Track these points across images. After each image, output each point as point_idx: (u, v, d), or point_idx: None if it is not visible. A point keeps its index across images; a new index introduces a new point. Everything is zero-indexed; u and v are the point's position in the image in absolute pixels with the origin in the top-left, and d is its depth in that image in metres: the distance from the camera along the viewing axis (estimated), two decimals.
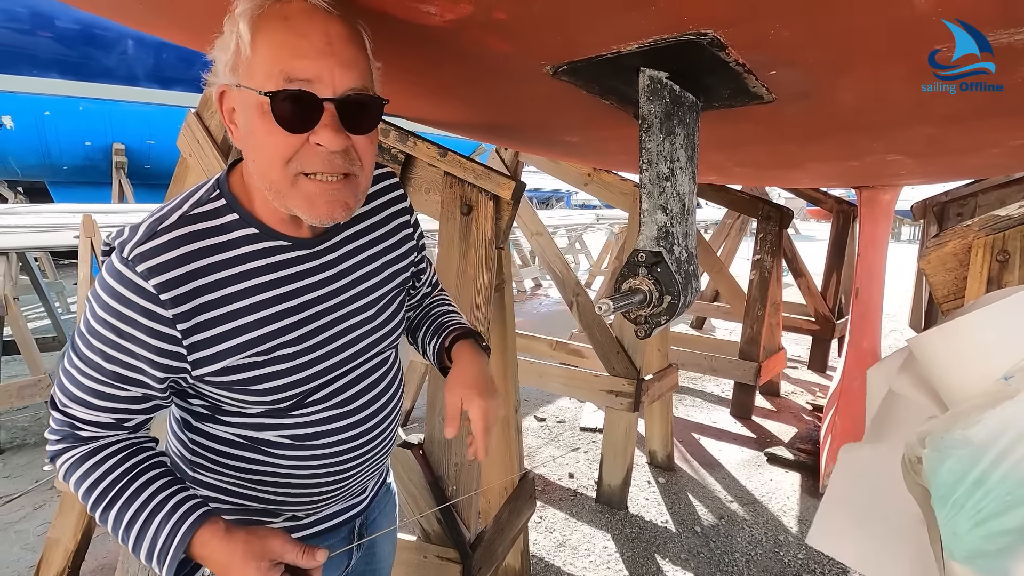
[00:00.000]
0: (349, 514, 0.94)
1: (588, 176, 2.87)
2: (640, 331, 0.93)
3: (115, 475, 0.71)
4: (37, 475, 2.93)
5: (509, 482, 1.73)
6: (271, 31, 0.64)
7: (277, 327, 0.74)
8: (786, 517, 2.70)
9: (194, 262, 0.69)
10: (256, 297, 0.73)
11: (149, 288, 0.66)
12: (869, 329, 3.39)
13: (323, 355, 0.79)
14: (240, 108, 0.68)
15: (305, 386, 0.78)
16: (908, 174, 2.04)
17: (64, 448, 0.74)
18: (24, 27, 6.02)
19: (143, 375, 0.70)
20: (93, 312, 0.69)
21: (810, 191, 5.03)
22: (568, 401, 4.07)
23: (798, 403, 4.28)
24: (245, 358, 0.72)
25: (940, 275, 0.75)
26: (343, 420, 0.83)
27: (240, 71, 0.66)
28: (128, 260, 0.67)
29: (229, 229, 0.72)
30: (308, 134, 0.65)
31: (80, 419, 0.73)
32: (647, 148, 0.90)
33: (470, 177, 1.42)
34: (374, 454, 0.89)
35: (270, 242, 0.74)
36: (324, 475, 0.84)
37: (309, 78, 0.64)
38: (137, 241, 0.68)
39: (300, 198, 0.68)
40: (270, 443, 0.80)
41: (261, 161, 0.68)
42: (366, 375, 0.86)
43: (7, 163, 6.64)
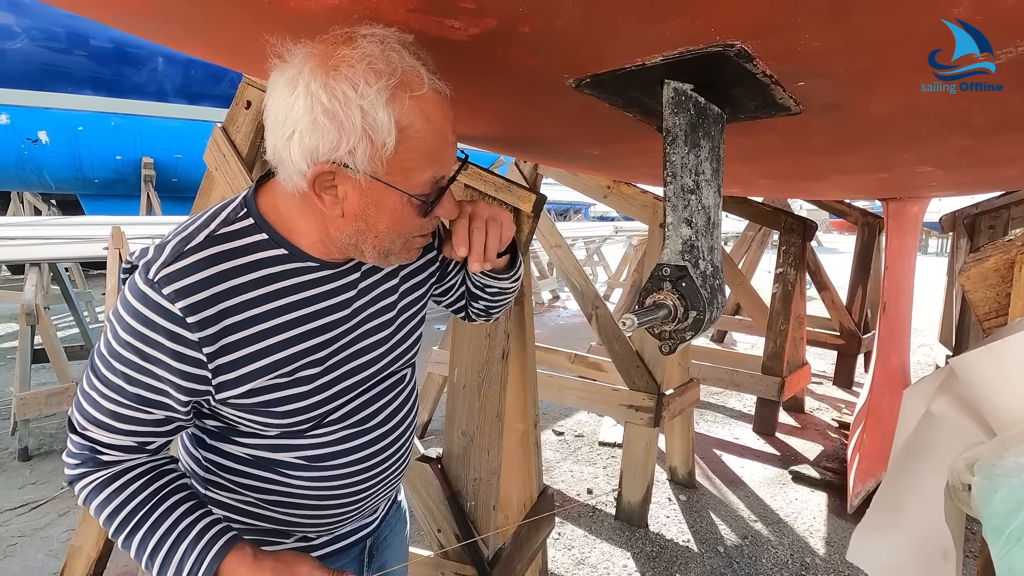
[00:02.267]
0: (361, 534, 0.93)
1: (608, 188, 2.86)
2: (664, 347, 0.91)
3: (138, 500, 0.70)
4: (63, 482, 2.98)
5: (528, 498, 1.70)
6: (420, 137, 0.64)
7: (300, 349, 0.73)
8: (813, 539, 2.62)
9: (221, 284, 0.68)
10: (281, 318, 0.72)
11: (175, 311, 0.65)
12: (897, 345, 3.30)
13: (342, 375, 0.79)
14: (357, 193, 0.66)
15: (324, 407, 0.77)
16: (938, 186, 1.99)
17: (84, 472, 0.72)
18: (61, 46, 6.25)
19: (167, 398, 0.69)
20: (115, 334, 0.67)
21: (834, 203, 4.95)
22: (587, 415, 4.03)
23: (823, 420, 4.17)
24: (268, 380, 0.72)
25: (981, 292, 0.72)
26: (359, 439, 0.82)
27: (374, 161, 0.63)
28: (154, 282, 0.65)
29: (256, 249, 0.71)
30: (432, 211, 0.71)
31: (101, 443, 0.71)
32: (671, 161, 0.88)
33: (491, 190, 1.42)
34: (389, 474, 0.89)
35: (296, 263, 0.73)
36: (338, 496, 0.83)
37: (445, 173, 0.70)
38: (163, 262, 0.66)
39: (401, 255, 0.74)
40: (285, 463, 0.79)
41: (382, 235, 0.70)
42: (383, 394, 0.86)
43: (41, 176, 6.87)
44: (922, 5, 0.59)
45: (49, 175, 6.88)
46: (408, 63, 0.63)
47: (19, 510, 2.72)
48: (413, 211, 0.68)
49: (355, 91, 0.60)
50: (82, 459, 0.72)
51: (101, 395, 0.69)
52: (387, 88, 0.61)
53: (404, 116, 0.62)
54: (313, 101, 0.61)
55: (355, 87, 0.60)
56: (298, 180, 0.65)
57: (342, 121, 0.61)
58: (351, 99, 0.60)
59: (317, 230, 0.72)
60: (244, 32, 0.92)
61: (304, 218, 0.71)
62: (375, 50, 0.61)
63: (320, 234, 0.72)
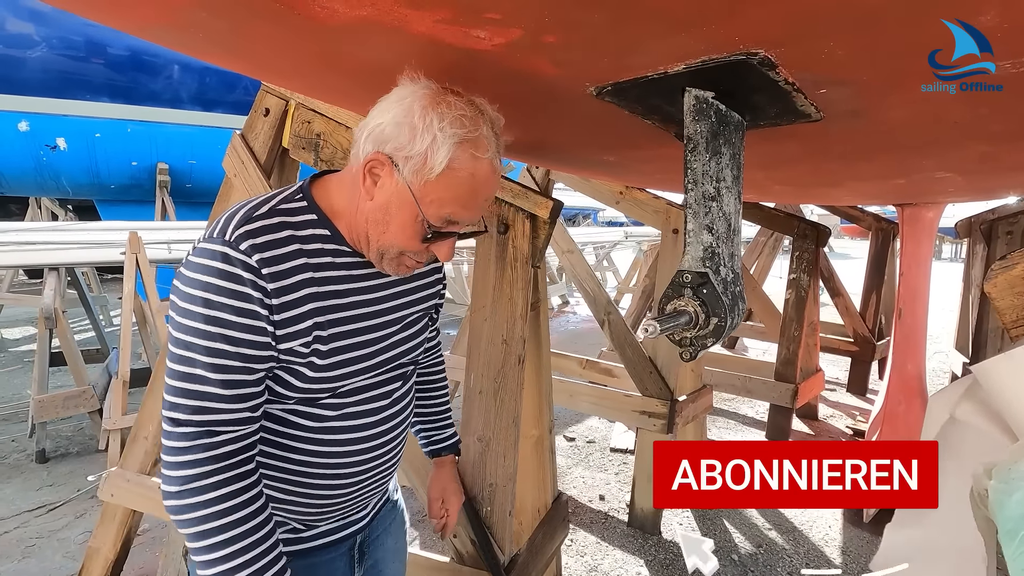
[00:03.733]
0: (349, 530, 0.96)
1: (620, 194, 2.86)
2: (685, 353, 0.91)
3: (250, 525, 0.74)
4: (80, 484, 3.01)
5: (542, 504, 1.70)
6: (459, 181, 0.77)
7: (335, 317, 0.81)
8: (828, 548, 2.59)
9: (285, 246, 0.77)
10: (322, 288, 0.80)
11: (253, 263, 0.73)
12: (913, 352, 3.26)
13: (364, 354, 0.86)
14: (392, 190, 0.78)
15: (342, 380, 0.84)
16: (956, 191, 1.98)
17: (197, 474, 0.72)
18: (80, 54, 6.36)
19: (268, 349, 0.75)
20: (197, 303, 0.71)
21: (847, 208, 4.91)
22: (598, 421, 4.02)
23: (837, 427, 4.13)
24: (303, 342, 0.78)
25: (1008, 299, 0.71)
26: (366, 418, 0.89)
27: (417, 178, 0.76)
28: (230, 241, 0.73)
29: (309, 226, 0.81)
30: (431, 244, 0.81)
31: (217, 422, 0.73)
32: (693, 168, 0.89)
33: (507, 196, 1.43)
34: (382, 463, 0.93)
35: (337, 245, 0.83)
36: (338, 474, 0.88)
37: (460, 222, 0.80)
38: (237, 225, 0.75)
39: (392, 265, 0.84)
40: (293, 435, 0.84)
41: (387, 235, 0.80)
42: (389, 382, 0.93)
43: (59, 182, 6.98)
44: (946, 9, 0.60)
45: (67, 181, 6.99)
46: (487, 135, 0.78)
47: (36, 512, 2.76)
48: (418, 231, 0.79)
49: (439, 124, 0.74)
50: (193, 455, 0.72)
51: (206, 368, 0.72)
52: (460, 137, 0.75)
53: (457, 161, 0.75)
54: (408, 112, 0.76)
55: (441, 121, 0.74)
56: (359, 156, 0.79)
57: (416, 136, 0.75)
58: (432, 127, 0.74)
59: (349, 212, 0.83)
60: (270, 43, 0.93)
61: (345, 201, 0.83)
62: (472, 112, 0.77)
63: (349, 217, 0.83)
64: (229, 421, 0.74)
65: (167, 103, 7.18)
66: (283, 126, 1.72)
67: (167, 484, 0.74)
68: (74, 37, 6.27)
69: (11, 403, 4.20)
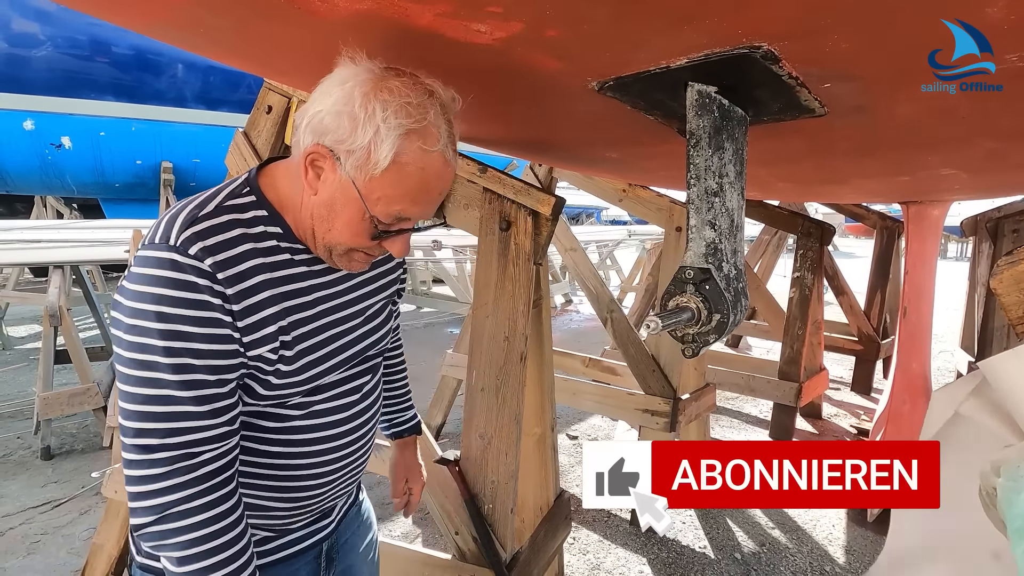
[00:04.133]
0: (315, 538, 0.91)
1: (623, 192, 2.85)
2: (688, 349, 0.91)
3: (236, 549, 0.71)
4: (84, 480, 3.03)
5: (544, 502, 1.70)
6: (407, 176, 0.71)
7: (298, 318, 0.77)
8: (832, 547, 2.58)
9: (236, 247, 0.71)
10: (281, 288, 0.75)
11: (206, 268, 0.67)
12: (918, 350, 3.24)
13: (331, 351, 0.83)
14: (335, 186, 0.72)
15: (311, 383, 0.81)
16: (962, 189, 1.96)
17: (173, 486, 0.68)
18: (84, 53, 6.38)
19: (237, 356, 0.71)
20: (150, 323, 0.65)
21: (851, 206, 4.89)
22: (600, 419, 4.01)
23: (841, 426, 4.11)
24: (269, 347, 0.74)
25: (1014, 295, 0.71)
26: (334, 415, 0.85)
27: (361, 174, 0.70)
28: (176, 247, 0.66)
29: (257, 223, 0.75)
30: (382, 241, 0.76)
31: (196, 441, 0.68)
32: (695, 163, 0.88)
33: (509, 193, 1.42)
34: (354, 459, 0.90)
35: (290, 243, 0.78)
36: (305, 476, 0.84)
37: (411, 218, 0.75)
38: (181, 228, 0.68)
39: (343, 260, 0.78)
40: (260, 437, 0.80)
41: (333, 232, 0.75)
42: (358, 376, 0.89)
43: (64, 181, 7.00)
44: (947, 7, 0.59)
45: (72, 179, 7.01)
46: (436, 123, 0.71)
47: (41, 508, 2.77)
48: (366, 229, 0.74)
49: (382, 114, 0.68)
50: (172, 480, 0.67)
51: (175, 387, 0.67)
52: (406, 128, 0.68)
53: (405, 155, 0.69)
54: (348, 100, 0.69)
55: (384, 111, 0.68)
56: (300, 146, 0.73)
57: (357, 127, 0.68)
58: (375, 117, 0.68)
59: (295, 206, 0.77)
60: (271, 39, 0.93)
61: (292, 195, 0.77)
62: (418, 98, 0.70)
63: (295, 211, 0.77)
64: (208, 439, 0.69)
65: (172, 102, 7.19)
66: (286, 123, 1.72)
67: (141, 516, 0.68)
68: (79, 36, 6.29)
69: (16, 400, 4.22)
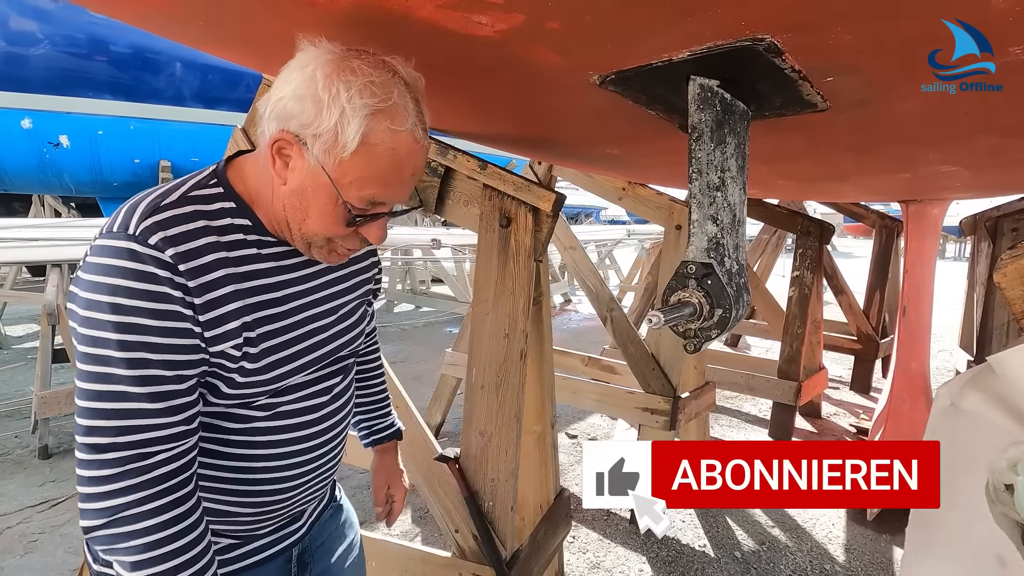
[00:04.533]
0: (284, 543, 0.88)
1: (623, 190, 2.84)
2: (689, 345, 0.90)
3: (193, 554, 0.68)
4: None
5: (544, 500, 1.69)
6: (377, 157, 0.68)
7: (264, 315, 0.74)
8: (832, 545, 2.58)
9: (200, 239, 0.68)
10: (247, 284, 0.72)
11: (166, 259, 0.64)
12: (917, 349, 3.24)
13: (300, 351, 0.79)
14: (305, 173, 0.70)
15: (278, 383, 0.77)
16: (962, 187, 1.96)
17: (125, 488, 0.64)
18: (82, 52, 6.37)
19: (197, 352, 0.68)
20: (104, 315, 0.62)
21: (851, 206, 4.89)
22: (600, 418, 4.00)
23: (841, 425, 4.11)
24: (233, 344, 0.71)
25: (1018, 289, 0.70)
26: (303, 416, 0.82)
27: (329, 158, 0.68)
28: (136, 236, 0.64)
29: (224, 215, 0.72)
30: (359, 227, 0.74)
31: (150, 440, 0.65)
32: (697, 158, 0.87)
33: (510, 189, 1.42)
34: (323, 464, 0.87)
35: (259, 236, 0.75)
36: (272, 480, 0.81)
37: (386, 202, 0.73)
38: (141, 216, 0.65)
39: (322, 253, 0.76)
40: (226, 440, 0.77)
41: (308, 222, 0.72)
42: (328, 377, 0.86)
43: (62, 179, 6.99)
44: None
45: (70, 178, 7.00)
46: (402, 102, 0.68)
47: (39, 507, 2.76)
48: (341, 216, 0.71)
49: (346, 94, 0.66)
50: (123, 482, 0.64)
51: (129, 383, 0.64)
52: (372, 108, 0.66)
53: (373, 136, 0.67)
54: (311, 83, 0.67)
55: (348, 91, 0.66)
56: (265, 135, 0.71)
57: (321, 110, 0.66)
58: (340, 99, 0.66)
59: (266, 198, 0.75)
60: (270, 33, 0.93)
61: (261, 187, 0.75)
62: (382, 77, 0.68)
63: (267, 203, 0.75)
64: (163, 438, 0.66)
65: (170, 100, 7.18)
66: None
67: (90, 518, 0.65)
68: (77, 35, 6.27)
69: (14, 399, 4.20)
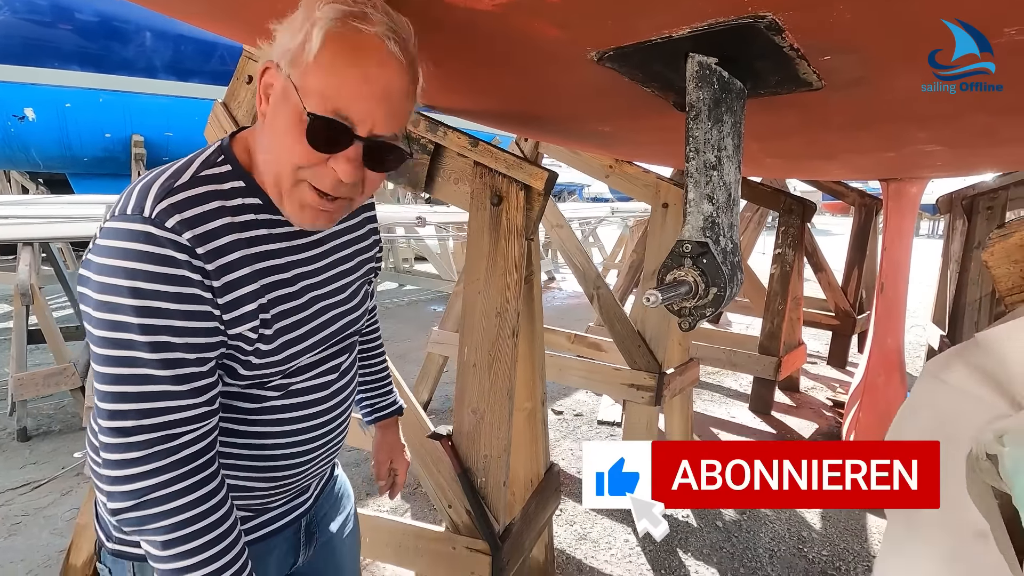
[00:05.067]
0: (293, 515, 0.91)
1: (610, 168, 2.84)
2: (684, 323, 0.92)
3: (221, 531, 0.68)
4: (64, 461, 2.98)
5: (535, 474, 1.72)
6: (340, 58, 0.64)
7: (277, 295, 0.74)
8: (809, 514, 2.67)
9: (215, 220, 0.67)
10: (261, 264, 0.72)
11: (184, 242, 0.64)
12: (894, 325, 3.33)
13: (310, 330, 0.80)
14: (278, 95, 0.68)
15: (291, 363, 0.78)
16: (944, 165, 2.00)
17: (153, 470, 0.65)
18: (45, 19, 6.08)
19: (217, 335, 0.68)
20: (124, 299, 0.62)
21: (831, 184, 4.95)
22: (585, 395, 4.06)
23: (818, 399, 4.23)
24: (252, 329, 0.71)
25: (1005, 267, 0.72)
26: (312, 394, 0.83)
27: (297, 69, 0.66)
28: (152, 219, 0.63)
29: (235, 195, 0.71)
30: (329, 156, 0.67)
31: (175, 421, 0.66)
32: (694, 136, 0.87)
33: (501, 167, 1.40)
34: (331, 439, 0.89)
35: (269, 215, 0.73)
36: (285, 456, 0.82)
37: (352, 118, 0.66)
38: (156, 199, 0.64)
39: (295, 200, 0.71)
40: (239, 419, 0.78)
41: (276, 152, 0.69)
42: (336, 355, 0.87)
43: (29, 154, 6.73)
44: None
45: (37, 153, 6.74)
46: (376, 14, 0.65)
47: (21, 490, 2.73)
48: (302, 128, 0.65)
49: (319, 8, 0.65)
50: (151, 465, 0.65)
51: (153, 367, 0.64)
52: (339, 11, 0.64)
53: (335, 30, 0.64)
54: (295, 15, 0.67)
55: (322, 6, 0.65)
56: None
57: (296, 29, 0.66)
58: (312, 12, 0.65)
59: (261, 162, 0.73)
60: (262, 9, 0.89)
61: (258, 153, 0.73)
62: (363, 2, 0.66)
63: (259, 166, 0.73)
64: (187, 419, 0.67)
65: (141, 72, 6.91)
66: None
67: (119, 500, 0.65)
68: (39, 1, 5.98)
69: None
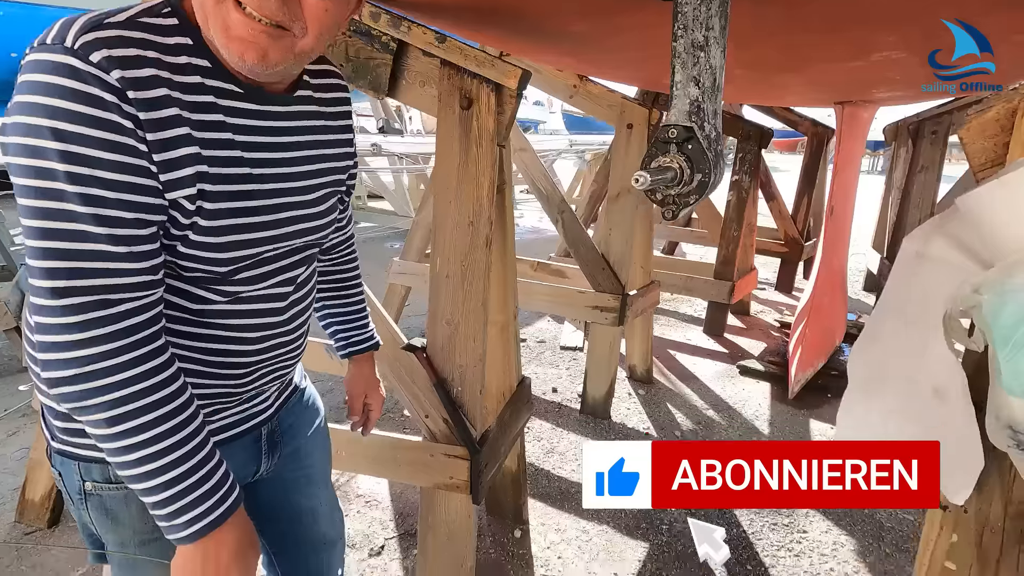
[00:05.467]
0: (251, 422, 0.85)
1: (574, 87, 2.76)
2: (667, 212, 0.92)
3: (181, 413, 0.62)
4: (6, 403, 2.83)
5: (507, 387, 1.75)
6: None
7: (222, 171, 0.65)
8: (759, 422, 2.87)
9: (148, 68, 0.58)
10: (205, 134, 0.63)
11: (113, 82, 0.55)
12: (840, 248, 3.50)
13: (259, 223, 0.70)
14: None
15: (236, 254, 0.69)
16: (902, 81, 2.03)
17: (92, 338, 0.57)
18: None
19: (156, 195, 0.59)
20: (46, 142, 0.53)
21: (785, 112, 5.01)
22: (547, 322, 4.14)
23: (767, 321, 4.46)
24: (189, 198, 0.62)
25: (979, 143, 0.75)
26: (265, 303, 0.76)
27: None
28: (75, 50, 0.53)
29: (179, 52, 0.61)
30: None
31: (112, 287, 0.57)
32: (684, 12, 0.84)
33: (472, 66, 1.33)
34: (282, 353, 0.82)
35: (220, 82, 0.64)
36: (228, 365, 0.76)
37: None
38: (80, 29, 0.55)
39: (219, 22, 0.60)
40: (183, 320, 0.71)
41: None
42: (294, 266, 0.80)
43: None
44: None
45: None
46: None
47: None
48: None
49: None
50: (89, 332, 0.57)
51: (86, 222, 0.55)
52: None
53: None
54: None
55: None
56: None
57: None
58: None
59: None
60: None
61: None
62: None
63: None
64: (127, 286, 0.58)
65: None
66: None
67: (55, 368, 0.57)
68: None
69: None
